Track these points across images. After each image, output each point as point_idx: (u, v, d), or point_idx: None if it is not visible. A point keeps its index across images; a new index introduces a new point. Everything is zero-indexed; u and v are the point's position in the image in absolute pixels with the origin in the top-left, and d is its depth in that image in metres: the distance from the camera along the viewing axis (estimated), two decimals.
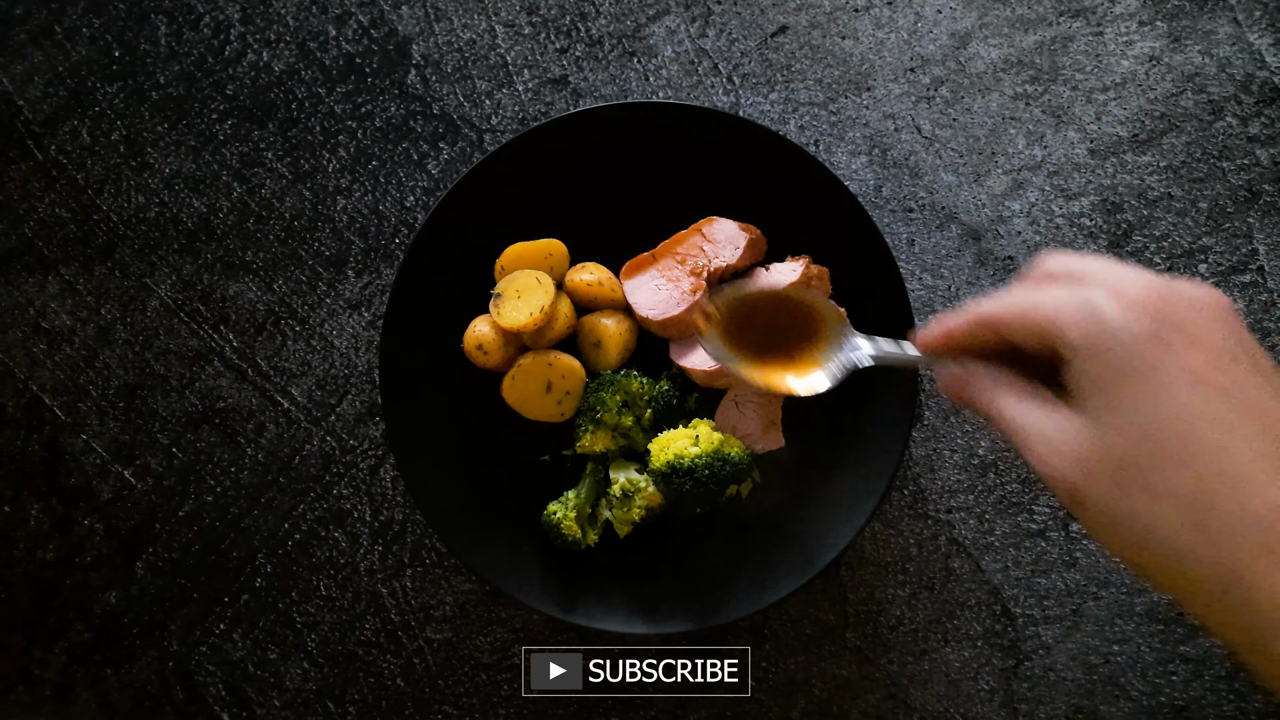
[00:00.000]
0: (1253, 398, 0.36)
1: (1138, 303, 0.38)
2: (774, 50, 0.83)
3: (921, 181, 0.81)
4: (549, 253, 0.76)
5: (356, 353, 0.82)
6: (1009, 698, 0.76)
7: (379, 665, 0.78)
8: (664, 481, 0.70)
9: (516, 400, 0.75)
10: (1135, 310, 0.38)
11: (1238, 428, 0.36)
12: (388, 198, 0.83)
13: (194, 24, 0.85)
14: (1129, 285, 0.39)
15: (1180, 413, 0.36)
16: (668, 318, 0.74)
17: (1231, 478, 0.35)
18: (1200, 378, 0.36)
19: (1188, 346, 0.37)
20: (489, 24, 0.84)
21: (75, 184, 0.84)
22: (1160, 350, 0.37)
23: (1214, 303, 0.39)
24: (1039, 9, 0.82)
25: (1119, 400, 0.38)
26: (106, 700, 0.79)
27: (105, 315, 0.83)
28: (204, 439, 0.81)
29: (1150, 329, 0.37)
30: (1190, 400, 0.36)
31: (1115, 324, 0.38)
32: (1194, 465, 0.36)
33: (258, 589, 0.79)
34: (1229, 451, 0.35)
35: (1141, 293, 0.38)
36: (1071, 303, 0.39)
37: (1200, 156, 0.80)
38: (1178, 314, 0.38)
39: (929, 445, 0.79)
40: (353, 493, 0.80)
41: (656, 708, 0.77)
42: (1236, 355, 0.37)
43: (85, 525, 0.80)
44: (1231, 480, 0.35)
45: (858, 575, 0.78)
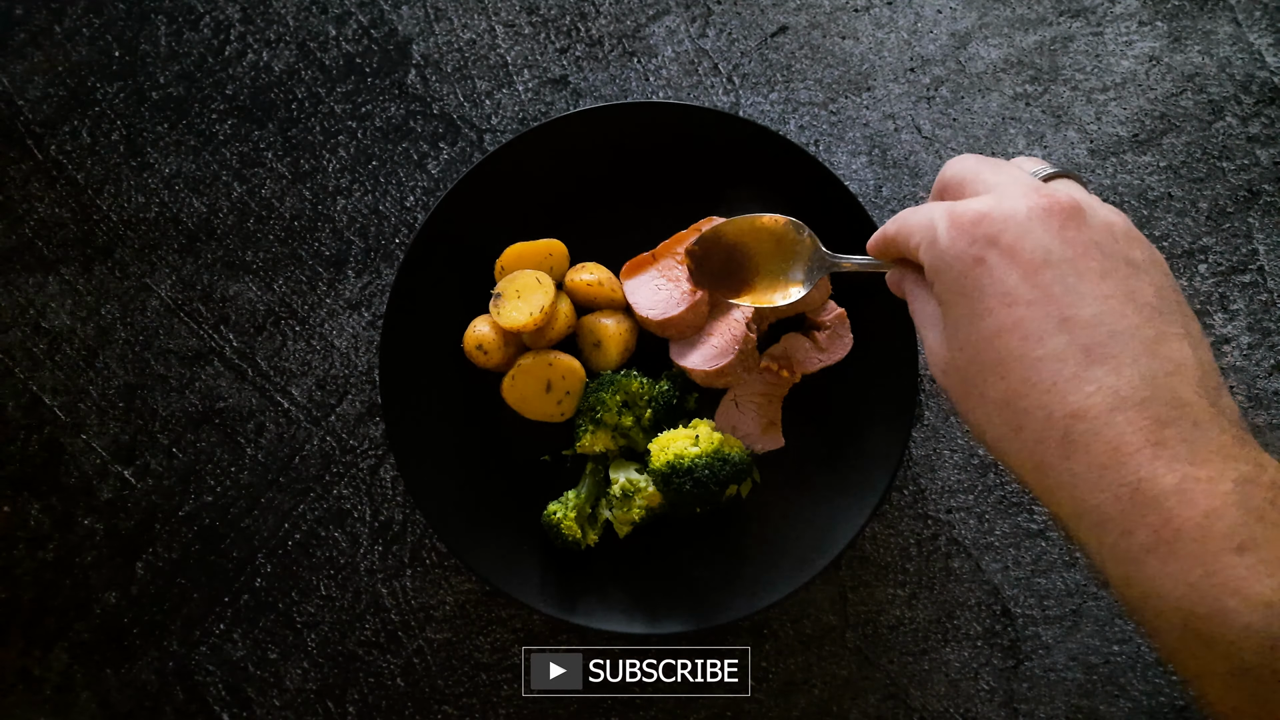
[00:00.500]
0: (1060, 304, 0.39)
1: (965, 223, 0.41)
2: (774, 50, 0.83)
3: (921, 181, 0.81)
4: (549, 253, 0.76)
5: (356, 353, 0.82)
6: (1009, 698, 0.76)
7: (379, 665, 0.78)
8: (664, 481, 0.70)
9: (516, 400, 0.75)
10: (960, 232, 0.41)
11: (1044, 337, 0.39)
12: (388, 198, 0.83)
13: (194, 24, 0.85)
14: (968, 206, 0.42)
15: (995, 328, 0.40)
16: (668, 318, 0.74)
17: (1035, 384, 0.39)
18: (1011, 293, 0.40)
19: (1002, 261, 0.40)
20: (489, 24, 0.84)
21: (75, 184, 0.84)
22: (979, 270, 0.41)
23: (1033, 209, 0.41)
24: (1039, 9, 0.82)
25: (955, 318, 0.42)
26: (106, 700, 0.79)
27: (105, 315, 0.83)
28: (204, 439, 0.81)
29: (971, 250, 0.41)
30: (1003, 316, 0.40)
31: (944, 246, 0.42)
32: (1007, 376, 0.40)
33: (258, 589, 0.79)
34: (1034, 361, 0.39)
35: (972, 212, 0.41)
36: (922, 225, 0.44)
37: (1200, 156, 0.80)
38: (995, 229, 0.41)
39: (929, 445, 0.79)
40: (353, 493, 0.80)
41: (656, 708, 0.77)
42: (1049, 260, 0.40)
43: (85, 525, 0.81)
44: (1036, 387, 0.39)
45: (858, 575, 0.78)
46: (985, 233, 0.41)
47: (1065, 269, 0.40)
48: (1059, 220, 0.40)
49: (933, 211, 0.44)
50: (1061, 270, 0.39)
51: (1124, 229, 0.42)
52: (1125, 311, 0.39)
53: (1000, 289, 0.40)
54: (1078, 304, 0.39)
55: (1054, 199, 0.41)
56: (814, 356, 0.75)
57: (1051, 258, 0.40)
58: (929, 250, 0.43)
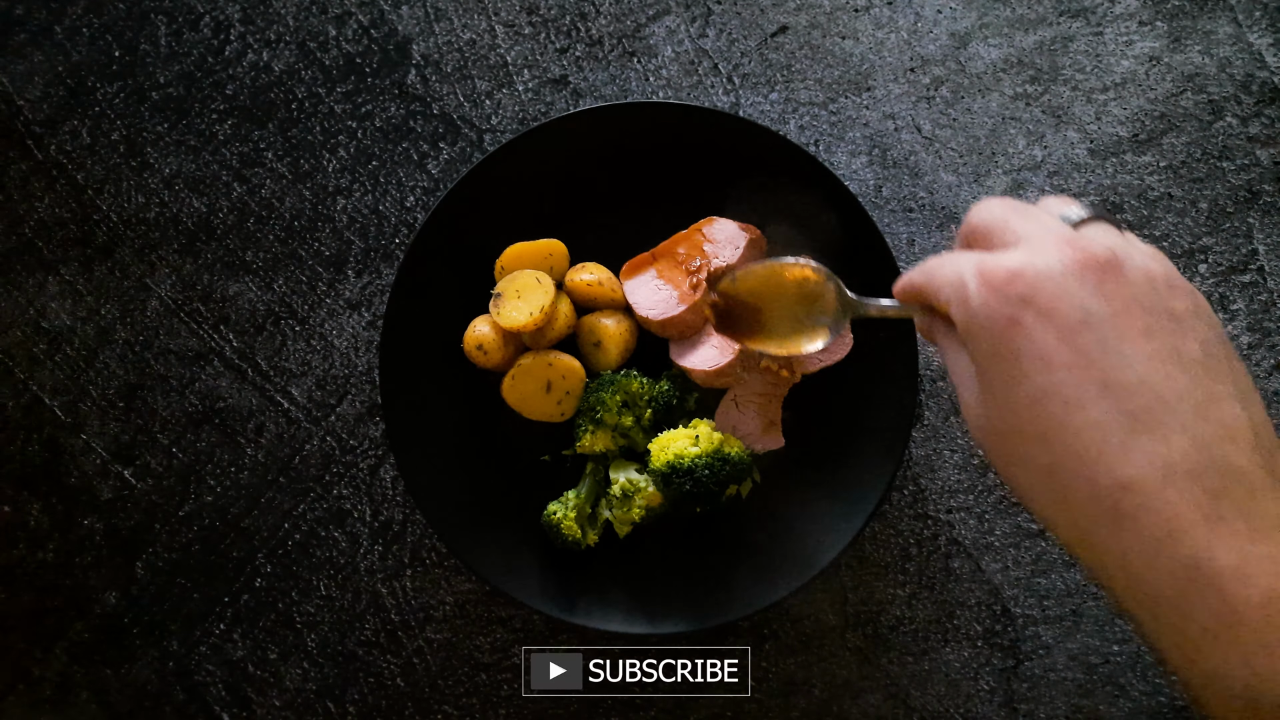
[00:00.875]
0: (1102, 368, 0.37)
1: (997, 282, 0.39)
2: (774, 50, 0.83)
3: (921, 181, 0.81)
4: (549, 253, 0.76)
5: (356, 353, 0.82)
6: (1009, 698, 0.76)
7: (379, 665, 0.78)
8: (664, 481, 0.70)
9: (516, 400, 0.75)
10: (993, 291, 0.39)
11: (1086, 404, 0.37)
12: (388, 198, 0.83)
13: (194, 24, 0.85)
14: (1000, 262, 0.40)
15: (1034, 394, 0.38)
16: (668, 318, 0.74)
17: (1079, 454, 0.37)
18: (1049, 357, 0.38)
19: (1038, 322, 0.38)
20: (489, 24, 0.84)
21: (75, 184, 0.84)
22: (1015, 333, 0.38)
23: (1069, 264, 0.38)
24: (1039, 9, 0.82)
25: (991, 380, 0.40)
26: (106, 700, 0.79)
27: (105, 315, 0.83)
28: (204, 439, 0.81)
29: (1004, 311, 0.39)
30: (1042, 382, 0.38)
31: (976, 307, 0.40)
32: (1049, 444, 0.38)
33: (258, 589, 0.79)
34: (1077, 430, 0.37)
35: (1003, 270, 0.39)
36: (951, 281, 0.42)
37: (1200, 156, 0.80)
38: (1029, 288, 0.38)
39: (929, 445, 0.79)
40: (353, 493, 0.80)
41: (656, 708, 0.77)
42: (1088, 321, 0.37)
43: (85, 525, 0.81)
44: (1080, 457, 0.37)
45: (858, 575, 0.78)
46: (1019, 292, 0.38)
47: (1105, 329, 0.37)
48: (1096, 275, 0.38)
49: (962, 266, 0.41)
50: (1102, 331, 0.37)
51: (1165, 277, 0.40)
52: (1171, 373, 0.37)
53: (1038, 352, 0.38)
54: (1120, 367, 0.37)
55: (1090, 252, 0.39)
56: (814, 357, 0.75)
57: (1090, 318, 0.37)
58: (960, 309, 0.41)
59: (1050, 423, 0.38)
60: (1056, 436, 0.38)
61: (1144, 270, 0.39)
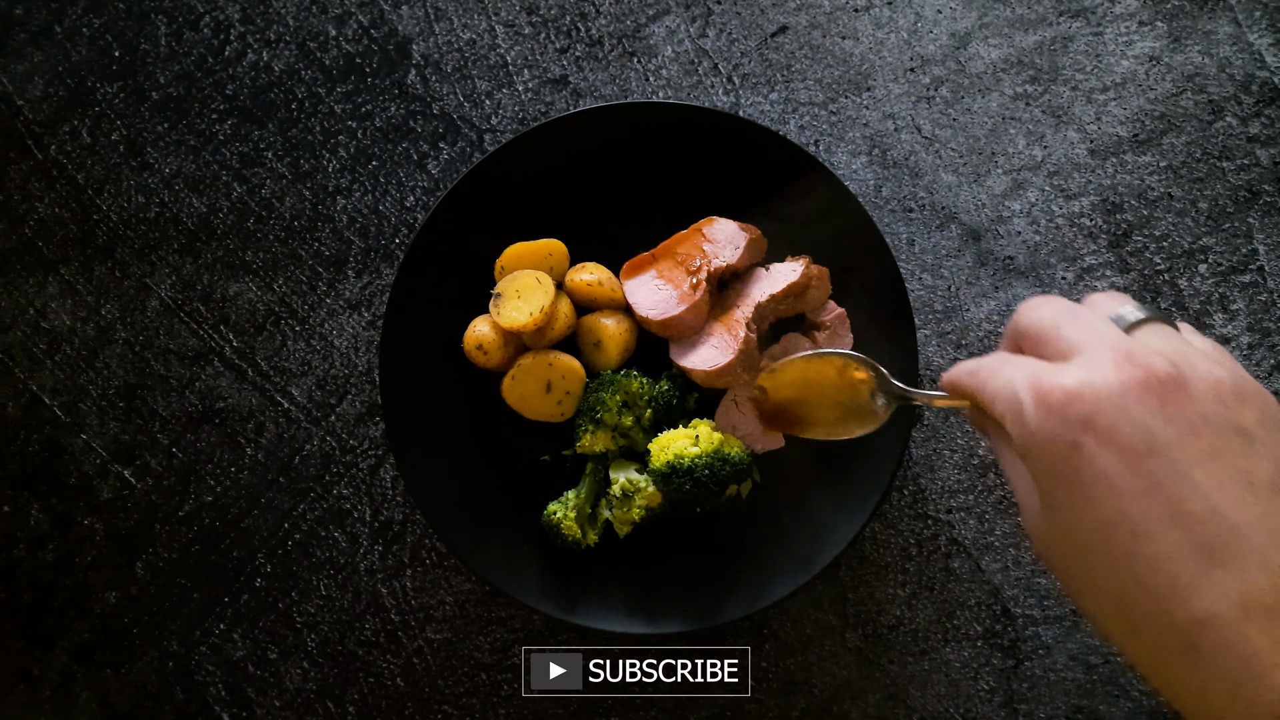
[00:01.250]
0: (1171, 497, 0.35)
1: (1054, 403, 0.37)
2: (774, 50, 0.83)
3: (921, 181, 0.81)
4: (549, 253, 0.76)
5: (356, 353, 0.82)
6: (1009, 698, 0.76)
7: (379, 665, 0.78)
8: (664, 481, 0.70)
9: (516, 400, 0.75)
10: (1050, 413, 0.37)
11: (1157, 535, 0.35)
12: (388, 198, 0.83)
13: (194, 24, 0.85)
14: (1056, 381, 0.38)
15: (1101, 521, 0.36)
16: (668, 318, 0.74)
17: (1151, 586, 0.35)
18: (1115, 484, 0.36)
19: (1101, 449, 0.36)
20: (489, 24, 0.84)
21: (75, 184, 0.84)
22: (1076, 458, 0.37)
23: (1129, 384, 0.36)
24: (1039, 9, 0.82)
25: (1054, 500, 0.38)
26: (106, 700, 0.79)
27: (105, 315, 0.83)
28: (204, 439, 0.81)
29: (1064, 435, 0.37)
30: (1108, 510, 0.36)
31: (1033, 429, 0.38)
32: (1117, 573, 0.36)
33: (258, 589, 0.79)
34: (1148, 560, 0.35)
35: (1061, 391, 0.37)
36: (1005, 397, 0.40)
37: (1200, 156, 0.80)
38: (1088, 411, 0.36)
39: (929, 445, 0.79)
40: (353, 493, 0.80)
41: (656, 708, 0.77)
42: (1153, 447, 0.36)
43: (85, 525, 0.80)
44: (1152, 590, 0.35)
45: (858, 575, 0.78)
46: (1078, 415, 0.36)
47: (1173, 454, 0.35)
48: (1158, 395, 0.36)
49: (1016, 381, 0.39)
50: (1169, 456, 0.35)
51: (1232, 388, 0.37)
52: (1243, 498, 0.35)
53: (1102, 479, 0.36)
54: (1190, 496, 0.35)
55: (1150, 369, 0.36)
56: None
57: (1156, 443, 0.35)
58: (1016, 428, 0.39)
59: (1118, 552, 0.36)
60: (1126, 567, 0.36)
61: (1208, 383, 0.37)
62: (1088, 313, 0.41)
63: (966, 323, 0.80)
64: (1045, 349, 0.41)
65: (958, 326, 0.80)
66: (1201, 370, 0.37)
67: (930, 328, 0.80)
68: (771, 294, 0.74)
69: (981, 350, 0.79)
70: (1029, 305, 0.43)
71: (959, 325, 0.80)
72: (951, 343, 0.80)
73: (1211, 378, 0.37)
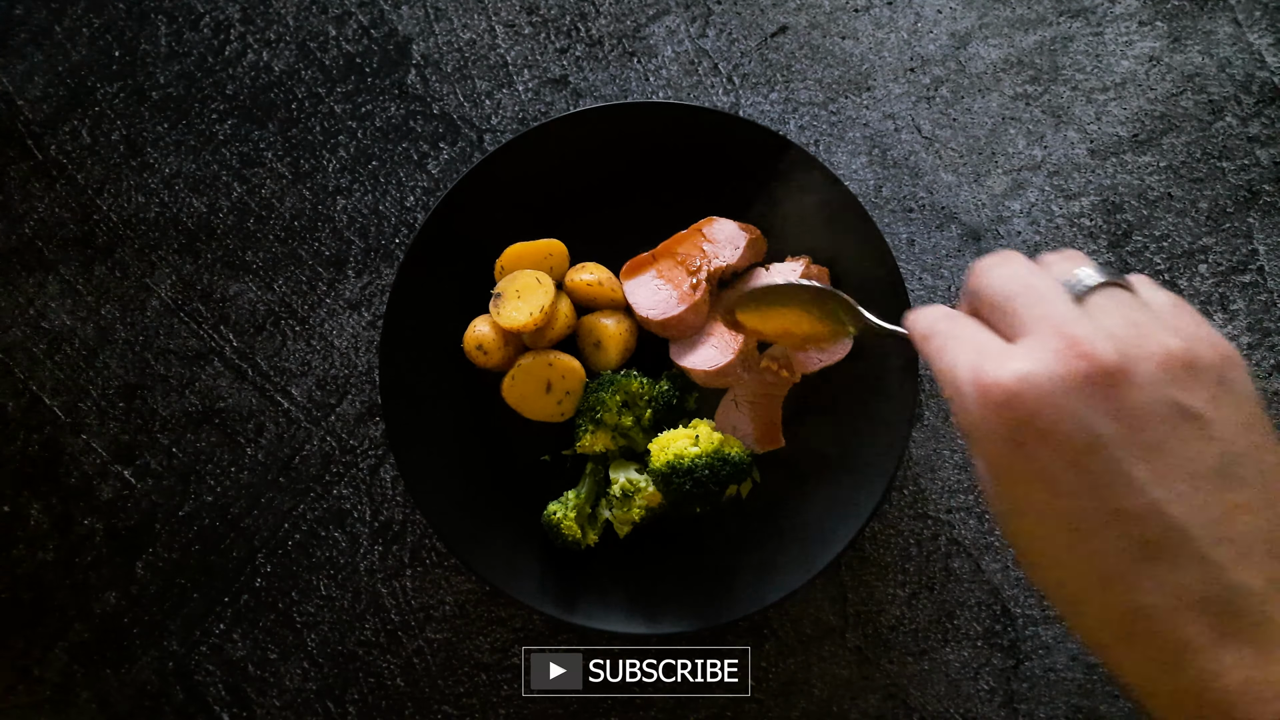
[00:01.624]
0: (1110, 495, 0.36)
1: (994, 401, 0.37)
2: (774, 50, 0.83)
3: (921, 181, 0.81)
4: (549, 253, 0.76)
5: (356, 353, 0.82)
6: (1009, 698, 0.76)
7: (379, 665, 0.78)
8: (664, 481, 0.70)
9: (516, 400, 0.75)
10: (991, 411, 0.37)
11: (1094, 533, 0.36)
12: (388, 198, 0.83)
13: (194, 24, 0.85)
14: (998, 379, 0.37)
15: (1040, 515, 0.37)
16: (668, 318, 0.74)
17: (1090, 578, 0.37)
18: (1052, 482, 0.36)
19: (1039, 445, 0.36)
20: (489, 24, 0.84)
21: (75, 184, 0.84)
22: (1016, 455, 0.37)
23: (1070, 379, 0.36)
24: (1039, 9, 0.82)
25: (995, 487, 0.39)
26: (106, 700, 0.79)
27: (105, 315, 0.83)
28: (204, 439, 0.81)
29: (1004, 432, 0.37)
30: (1047, 507, 0.37)
31: (975, 422, 0.38)
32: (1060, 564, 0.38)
33: (258, 589, 0.79)
34: (1088, 554, 0.36)
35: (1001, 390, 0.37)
36: (949, 380, 0.40)
37: (1200, 156, 0.80)
38: (1029, 411, 0.36)
39: (929, 445, 0.79)
40: (353, 493, 0.80)
41: (656, 708, 0.77)
42: (1094, 445, 0.35)
43: (85, 525, 0.81)
44: (1091, 581, 0.37)
45: (858, 575, 0.78)
46: (1018, 415, 0.36)
47: (1114, 450, 0.35)
48: (1102, 389, 0.36)
49: (960, 369, 0.39)
50: (1109, 454, 0.35)
51: (1184, 361, 0.36)
52: (1183, 492, 0.35)
53: (1042, 477, 0.37)
54: (1129, 493, 0.35)
55: (1095, 361, 0.36)
56: (814, 356, 0.75)
57: (1097, 440, 0.35)
58: (959, 416, 0.39)
59: (1060, 545, 0.37)
60: (1067, 558, 0.37)
61: (1158, 360, 0.36)
62: (1041, 281, 0.40)
63: None
64: (995, 320, 0.41)
65: None
66: (1152, 347, 0.37)
67: None
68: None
69: None
70: (984, 266, 0.42)
71: None
72: None
73: (1162, 353, 0.37)
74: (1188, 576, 0.35)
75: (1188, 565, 0.35)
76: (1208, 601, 0.34)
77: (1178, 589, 0.35)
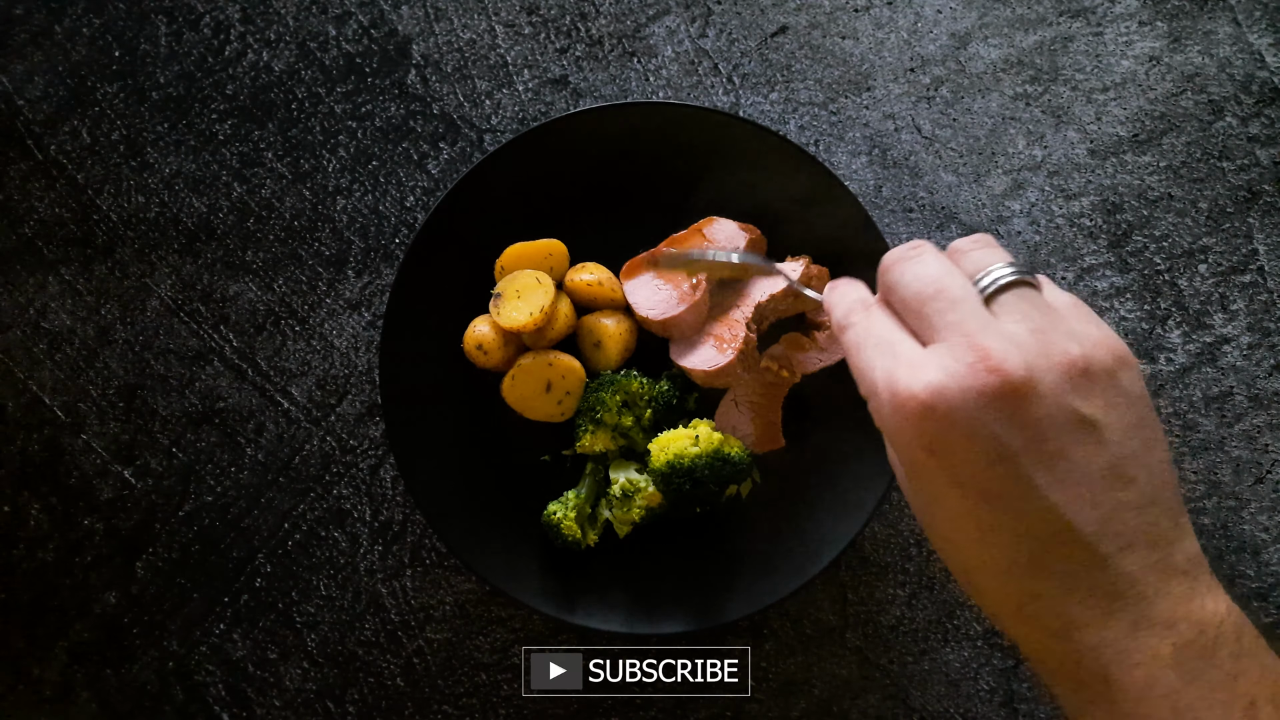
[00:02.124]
0: (1011, 502, 0.39)
1: (908, 413, 0.39)
2: (774, 50, 0.83)
3: (921, 181, 0.81)
4: (549, 253, 0.76)
5: (356, 353, 0.82)
6: (1009, 698, 0.76)
7: (379, 665, 0.78)
8: (664, 481, 0.70)
9: (516, 400, 0.75)
10: (905, 421, 0.40)
11: (997, 532, 0.40)
12: (388, 198, 0.83)
13: (194, 24, 0.85)
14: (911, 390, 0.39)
15: (949, 514, 0.41)
16: (668, 318, 0.74)
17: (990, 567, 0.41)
18: (962, 487, 0.40)
19: (948, 455, 0.39)
20: (489, 24, 0.84)
21: (75, 184, 0.84)
22: (930, 462, 0.40)
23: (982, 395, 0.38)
24: (1039, 9, 0.82)
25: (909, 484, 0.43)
26: (106, 700, 0.79)
27: (105, 315, 0.83)
28: (204, 439, 0.81)
29: (918, 441, 0.40)
30: (955, 507, 0.41)
31: (891, 429, 0.41)
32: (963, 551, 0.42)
33: (258, 589, 0.79)
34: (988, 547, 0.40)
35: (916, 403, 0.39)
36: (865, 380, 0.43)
37: (1200, 156, 0.80)
38: (941, 425, 0.39)
39: None
40: (353, 493, 0.80)
41: (656, 708, 0.77)
42: (1001, 456, 0.38)
43: (85, 525, 0.81)
44: (990, 569, 0.41)
45: (858, 575, 0.78)
46: (932, 429, 0.39)
47: (1018, 460, 0.38)
48: (1009, 404, 0.38)
49: (876, 373, 0.42)
50: (1014, 464, 0.38)
51: (1083, 368, 0.39)
52: (1078, 494, 0.38)
53: (953, 481, 0.40)
54: (1030, 497, 0.39)
55: (1004, 375, 0.38)
56: (814, 356, 0.75)
57: (1004, 452, 0.38)
58: (875, 417, 0.42)
59: (966, 538, 0.41)
60: (971, 550, 0.41)
61: (1061, 369, 0.39)
62: (952, 284, 0.42)
63: None
64: (909, 319, 0.43)
65: None
66: (1056, 356, 0.39)
67: None
68: (771, 294, 0.74)
69: None
70: (895, 259, 0.44)
71: None
72: None
73: (1064, 361, 0.39)
74: (1077, 566, 0.39)
75: (1078, 557, 0.39)
76: (1093, 587, 0.39)
77: (1067, 577, 0.39)
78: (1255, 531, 0.76)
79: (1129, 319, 0.79)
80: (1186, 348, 0.79)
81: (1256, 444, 0.77)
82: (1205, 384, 0.78)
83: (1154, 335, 0.79)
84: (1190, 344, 0.79)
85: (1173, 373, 0.78)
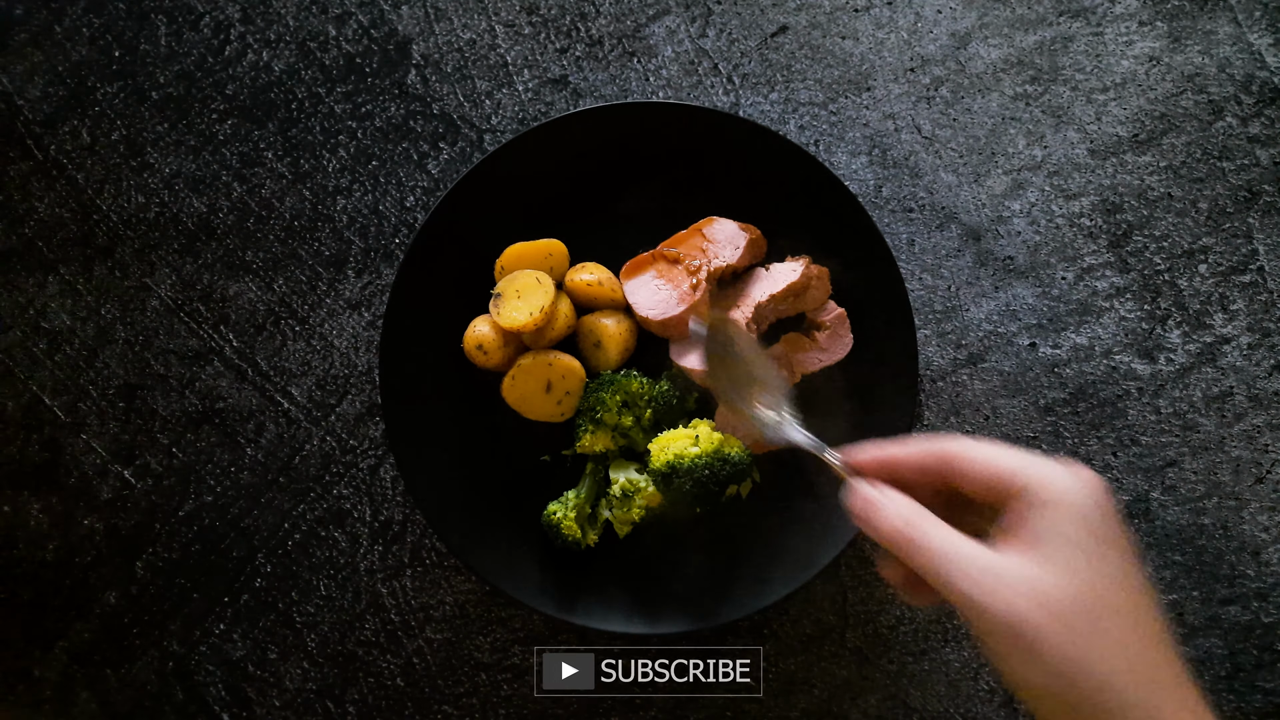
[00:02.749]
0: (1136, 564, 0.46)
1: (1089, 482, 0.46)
2: (774, 50, 0.83)
3: (921, 181, 0.81)
4: (549, 253, 0.76)
5: (356, 353, 0.82)
6: (1009, 697, 0.76)
7: (379, 665, 0.78)
8: (664, 481, 0.70)
9: (516, 400, 0.75)
10: (1090, 487, 0.46)
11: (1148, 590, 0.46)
12: (388, 198, 0.83)
13: (194, 24, 0.85)
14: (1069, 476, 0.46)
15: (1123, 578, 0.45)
16: (668, 318, 0.74)
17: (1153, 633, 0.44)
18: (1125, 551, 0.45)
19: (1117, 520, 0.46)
20: (489, 24, 0.84)
21: (75, 184, 0.84)
22: (1113, 523, 0.45)
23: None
24: (1039, 9, 0.82)
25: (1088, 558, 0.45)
26: (106, 700, 0.79)
27: (105, 315, 0.83)
28: (204, 439, 0.81)
29: (1106, 505, 0.46)
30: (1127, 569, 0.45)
31: (1084, 493, 0.45)
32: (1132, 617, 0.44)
33: (258, 589, 0.79)
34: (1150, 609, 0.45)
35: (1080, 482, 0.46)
36: (1035, 464, 0.46)
37: (1200, 156, 0.80)
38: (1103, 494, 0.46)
39: None
40: (353, 493, 0.80)
41: (656, 707, 0.77)
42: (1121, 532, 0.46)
43: (85, 525, 0.81)
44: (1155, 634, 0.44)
45: (858, 575, 0.78)
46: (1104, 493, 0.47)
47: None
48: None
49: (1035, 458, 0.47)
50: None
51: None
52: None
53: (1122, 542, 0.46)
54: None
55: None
56: (814, 356, 0.75)
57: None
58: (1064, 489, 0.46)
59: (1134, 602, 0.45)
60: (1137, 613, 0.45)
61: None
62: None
63: (966, 323, 0.80)
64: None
65: (958, 326, 0.80)
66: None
67: (930, 328, 0.80)
68: (771, 294, 0.74)
69: (979, 347, 0.79)
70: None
71: (959, 325, 0.80)
72: (951, 343, 0.80)
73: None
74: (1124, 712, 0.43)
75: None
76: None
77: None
78: (1255, 531, 0.76)
79: (1129, 319, 0.79)
80: (1186, 348, 0.79)
81: (1256, 444, 0.77)
82: (1205, 384, 0.78)
83: (1154, 335, 0.79)
84: (1190, 344, 0.79)
85: (1173, 373, 0.78)
